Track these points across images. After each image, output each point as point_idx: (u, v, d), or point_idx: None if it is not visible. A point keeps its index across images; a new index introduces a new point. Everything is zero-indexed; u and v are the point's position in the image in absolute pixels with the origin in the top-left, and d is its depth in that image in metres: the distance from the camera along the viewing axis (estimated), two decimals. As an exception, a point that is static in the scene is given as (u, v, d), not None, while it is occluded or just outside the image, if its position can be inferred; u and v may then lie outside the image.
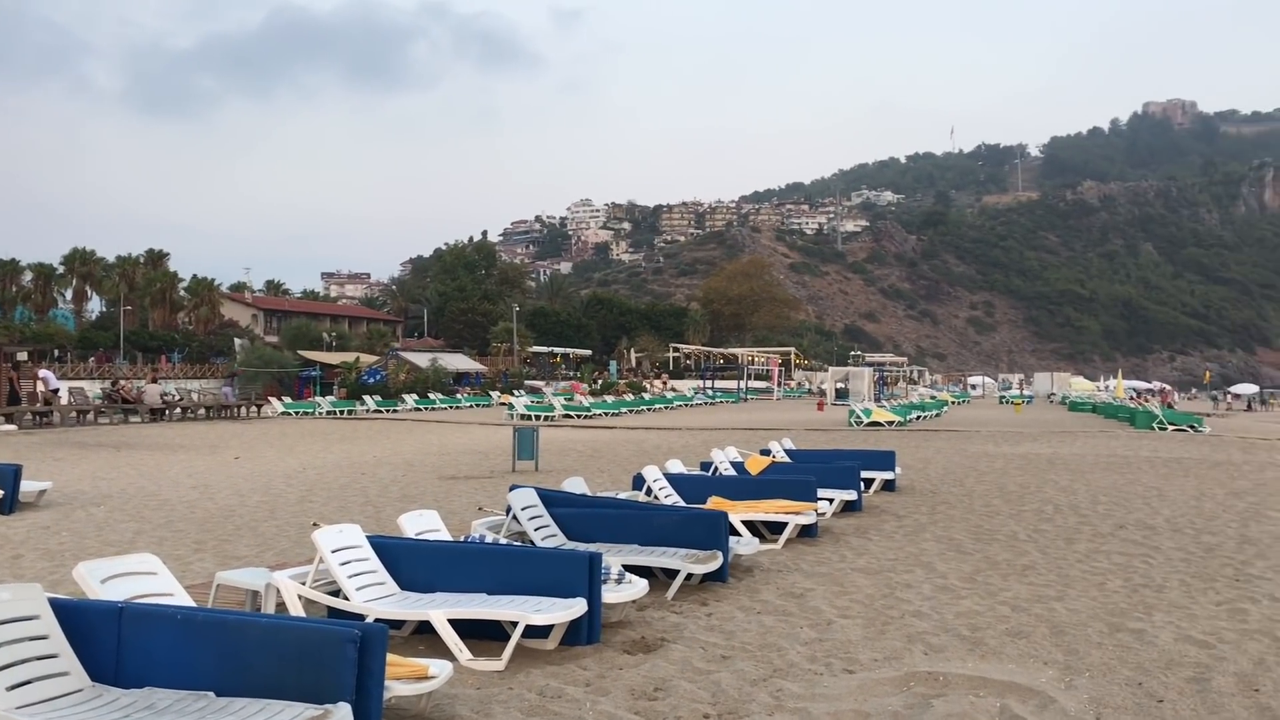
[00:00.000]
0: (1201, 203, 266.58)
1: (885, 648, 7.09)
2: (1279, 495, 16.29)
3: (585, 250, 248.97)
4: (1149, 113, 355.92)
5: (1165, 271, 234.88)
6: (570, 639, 7.10)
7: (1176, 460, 22.46)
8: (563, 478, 12.23)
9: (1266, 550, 11.20)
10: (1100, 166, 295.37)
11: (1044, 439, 29.60)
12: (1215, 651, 7.07)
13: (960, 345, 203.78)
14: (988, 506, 14.55)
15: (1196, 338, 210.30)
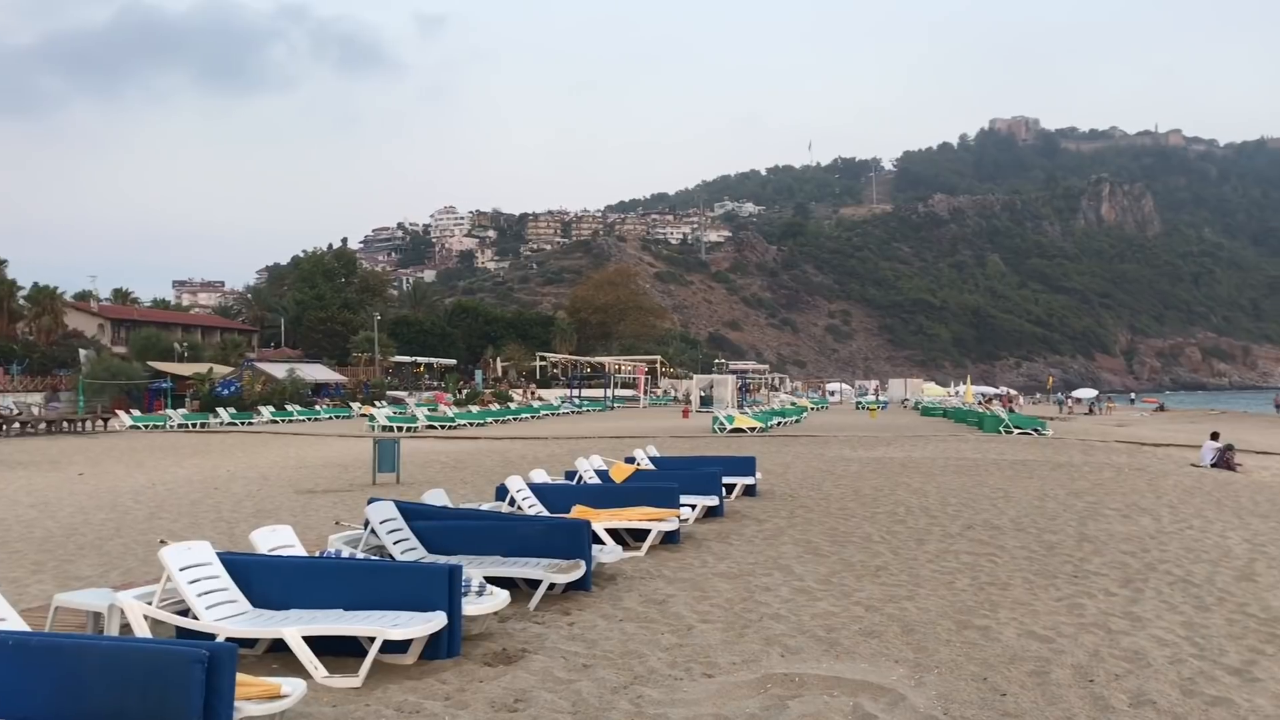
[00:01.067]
0: (1044, 215, 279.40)
1: (744, 651, 7.21)
2: (1115, 495, 17.18)
3: (450, 258, 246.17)
4: (995, 129, 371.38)
5: (1011, 281, 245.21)
6: (430, 653, 7.01)
7: (1021, 462, 23.45)
8: (425, 490, 12.06)
9: (1102, 547, 11.80)
10: (950, 180, 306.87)
11: (898, 443, 30.55)
12: (1055, 645, 7.41)
13: (819, 353, 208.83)
14: (844, 509, 14.94)
15: (1040, 344, 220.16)
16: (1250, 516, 14.85)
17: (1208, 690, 6.37)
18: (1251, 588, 9.64)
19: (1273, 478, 22.62)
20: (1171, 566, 10.62)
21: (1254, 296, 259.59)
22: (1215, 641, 7.60)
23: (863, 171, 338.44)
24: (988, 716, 5.85)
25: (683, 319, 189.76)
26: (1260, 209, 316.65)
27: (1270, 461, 28.04)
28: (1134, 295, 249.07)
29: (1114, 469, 22.07)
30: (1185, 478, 20.62)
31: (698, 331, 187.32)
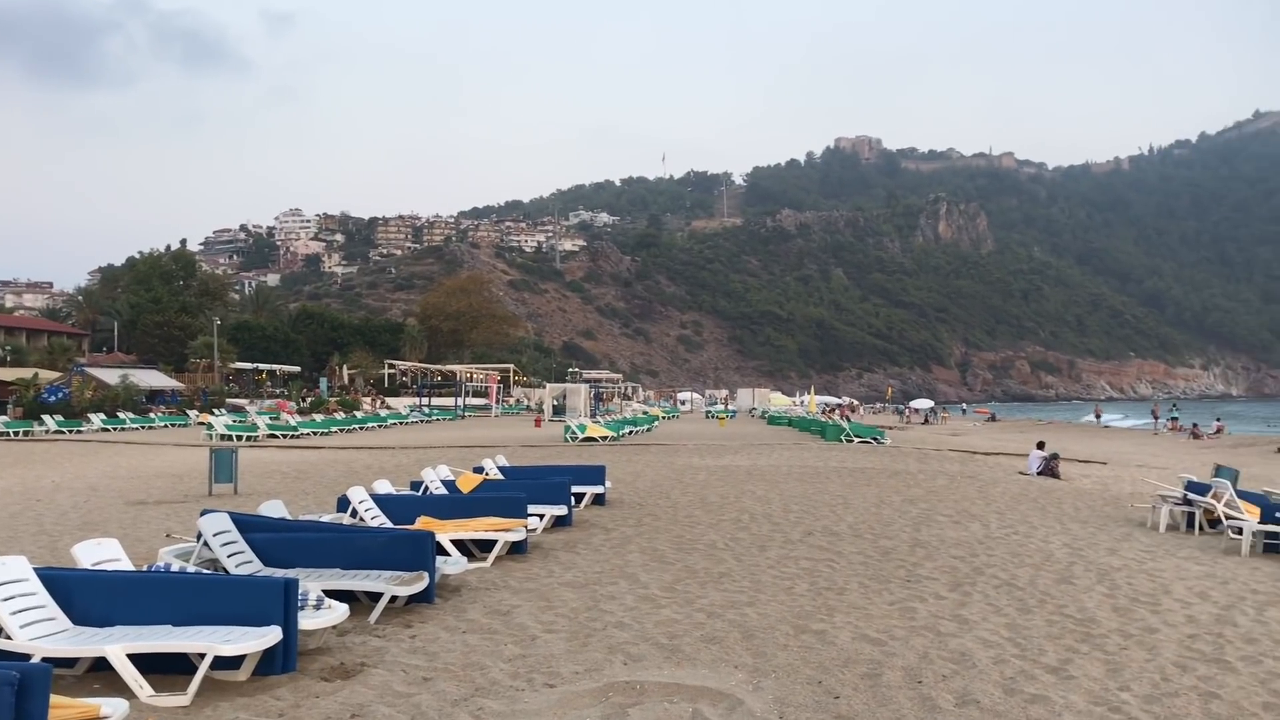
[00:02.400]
0: (885, 232, 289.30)
1: (587, 660, 7.22)
2: (947, 502, 17.88)
3: (295, 262, 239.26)
4: (840, 147, 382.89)
5: (854, 295, 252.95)
6: (264, 669, 6.80)
7: (861, 470, 24.17)
8: (264, 501, 11.68)
9: (934, 552, 12.27)
10: (797, 196, 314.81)
11: (744, 452, 31.11)
12: (887, 648, 7.67)
13: (671, 362, 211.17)
14: (690, 517, 15.13)
15: (881, 356, 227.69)
16: (1071, 522, 15.65)
17: (1027, 689, 6.69)
18: (1070, 590, 10.16)
19: (1093, 485, 23.87)
20: (998, 570, 11.12)
21: (1079, 313, 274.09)
22: (1036, 642, 7.99)
23: (714, 185, 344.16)
24: (821, 719, 6.01)
25: (537, 327, 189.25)
26: (1085, 230, 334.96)
27: (1091, 469, 29.60)
28: (968, 310, 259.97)
29: (947, 477, 22.97)
30: (1013, 485, 21.60)
31: (552, 340, 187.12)
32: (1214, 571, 11.65)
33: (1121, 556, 12.39)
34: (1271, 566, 12.33)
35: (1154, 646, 7.96)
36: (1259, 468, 32.24)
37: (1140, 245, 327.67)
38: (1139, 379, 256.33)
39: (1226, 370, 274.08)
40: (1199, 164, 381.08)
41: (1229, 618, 9.13)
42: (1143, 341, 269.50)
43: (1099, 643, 8.01)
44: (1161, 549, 13.23)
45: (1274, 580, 11.26)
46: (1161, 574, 11.26)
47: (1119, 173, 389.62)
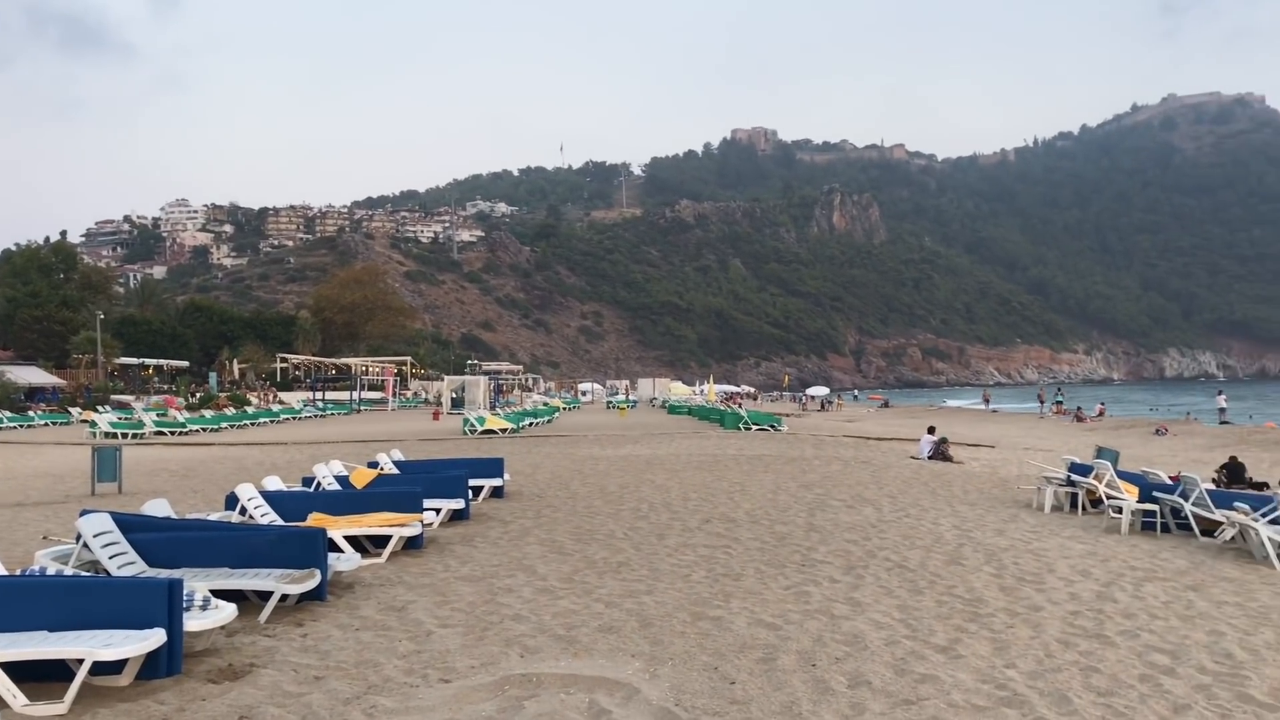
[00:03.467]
0: (782, 222, 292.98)
1: (483, 654, 7.15)
2: (842, 486, 18.20)
3: (182, 254, 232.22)
4: (736, 139, 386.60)
5: (751, 285, 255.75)
6: (148, 673, 6.57)
7: (758, 457, 24.45)
8: (148, 500, 11.30)
9: (829, 537, 12.46)
10: (695, 187, 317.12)
11: (644, 441, 31.22)
12: (782, 632, 7.75)
13: (572, 353, 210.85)
14: (589, 508, 15.12)
15: (778, 345, 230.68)
16: (960, 505, 16.06)
17: (917, 668, 6.84)
18: (959, 571, 10.42)
19: (982, 468, 24.55)
20: (890, 553, 11.34)
21: (967, 301, 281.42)
22: (925, 622, 8.16)
23: (613, 176, 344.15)
24: (717, 705, 6.05)
25: (434, 319, 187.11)
26: (973, 220, 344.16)
27: (980, 453, 30.46)
28: (862, 299, 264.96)
29: (842, 462, 23.38)
30: (905, 469, 22.09)
31: (450, 332, 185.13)
32: (1095, 550, 12.06)
33: (1008, 537, 12.75)
34: (1149, 544, 12.83)
35: (1038, 624, 8.20)
36: (1138, 449, 33.56)
37: (1026, 234, 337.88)
38: (1026, 364, 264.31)
39: (1108, 355, 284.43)
40: (1081, 155, 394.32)
41: (1109, 594, 9.46)
42: (1029, 328, 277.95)
43: (986, 622, 8.22)
44: (1046, 529, 13.66)
45: (1151, 557, 11.72)
46: (1046, 553, 11.62)
47: (1005, 164, 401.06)
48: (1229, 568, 11.20)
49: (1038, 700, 6.19)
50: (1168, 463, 25.69)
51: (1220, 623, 8.42)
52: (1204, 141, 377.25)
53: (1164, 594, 9.55)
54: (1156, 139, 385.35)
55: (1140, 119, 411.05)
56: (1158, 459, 27.42)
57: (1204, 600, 9.33)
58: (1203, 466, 24.26)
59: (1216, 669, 7.01)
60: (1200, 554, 12.13)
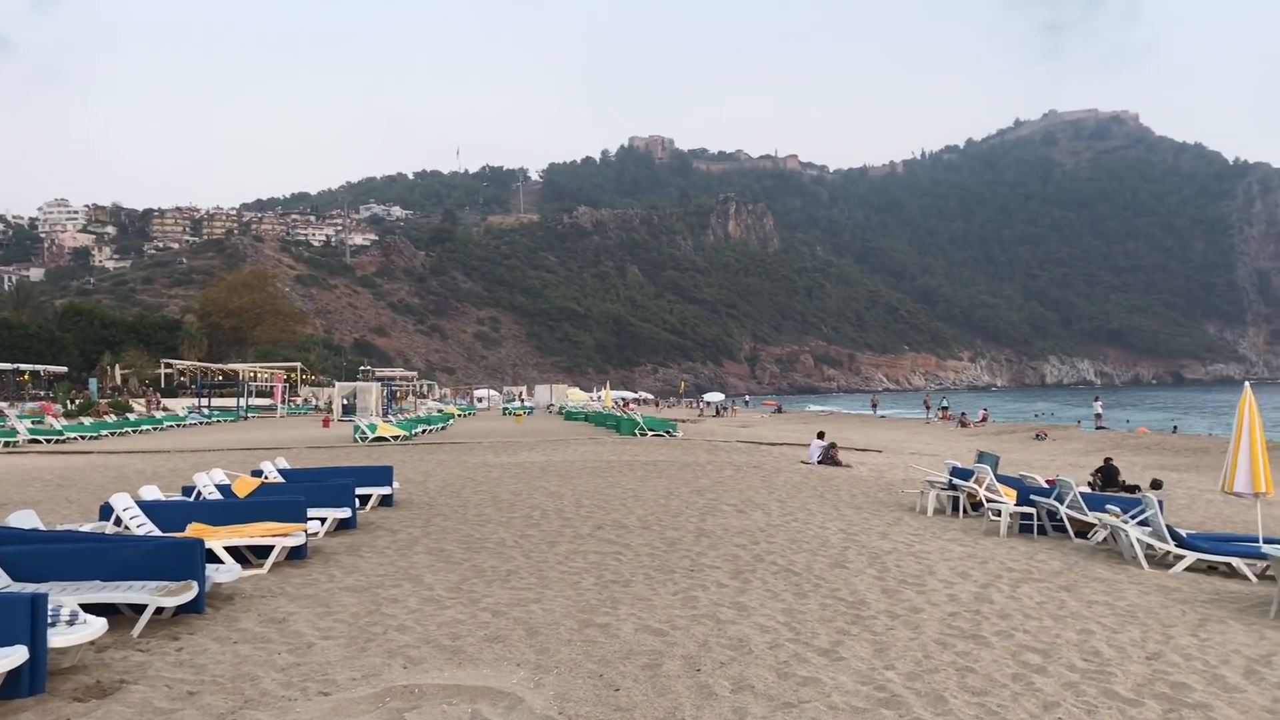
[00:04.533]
0: (678, 230, 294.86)
1: (365, 665, 7.03)
2: (733, 491, 18.38)
3: (61, 255, 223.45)
4: (634, 146, 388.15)
5: (649, 292, 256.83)
6: (9, 692, 6.29)
7: (653, 463, 24.55)
8: (15, 511, 10.83)
9: (718, 541, 12.57)
10: (593, 193, 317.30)
11: (539, 448, 31.09)
12: (668, 638, 7.79)
13: (469, 359, 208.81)
14: (480, 515, 14.98)
15: (675, 351, 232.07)
16: (847, 509, 16.36)
17: (800, 671, 6.93)
18: (843, 574, 10.61)
19: (869, 472, 25.03)
20: (777, 557, 11.49)
21: (858, 309, 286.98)
22: (809, 625, 8.29)
23: (510, 181, 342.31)
24: (601, 713, 6.05)
25: (326, 324, 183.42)
26: (863, 230, 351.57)
27: (868, 457, 31.05)
28: (756, 306, 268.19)
29: (734, 467, 23.62)
30: (795, 474, 22.41)
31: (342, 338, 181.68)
32: (975, 552, 12.41)
33: (892, 540, 13.03)
34: (1026, 546, 13.24)
35: (918, 625, 8.39)
36: (1019, 453, 34.65)
37: (914, 245, 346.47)
38: (913, 371, 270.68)
39: (991, 362, 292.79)
40: (966, 168, 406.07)
41: (986, 595, 9.73)
42: (916, 336, 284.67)
43: (868, 624, 8.38)
44: (929, 532, 14.00)
45: (1027, 559, 12.09)
46: (928, 556, 11.91)
47: (894, 176, 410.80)
48: (1100, 568, 11.62)
49: (915, 701, 6.33)
50: (1046, 467, 26.58)
51: (1090, 622, 8.72)
52: (1082, 157, 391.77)
53: (1038, 594, 9.86)
54: (1038, 153, 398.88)
55: (1023, 134, 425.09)
56: (1037, 463, 28.35)
57: (1076, 600, 9.66)
58: (1079, 470, 25.18)
59: (1085, 666, 7.26)
60: (1074, 555, 12.56)
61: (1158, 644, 7.98)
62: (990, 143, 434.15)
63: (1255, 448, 11.75)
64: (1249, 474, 11.71)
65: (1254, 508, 13.42)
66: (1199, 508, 18.61)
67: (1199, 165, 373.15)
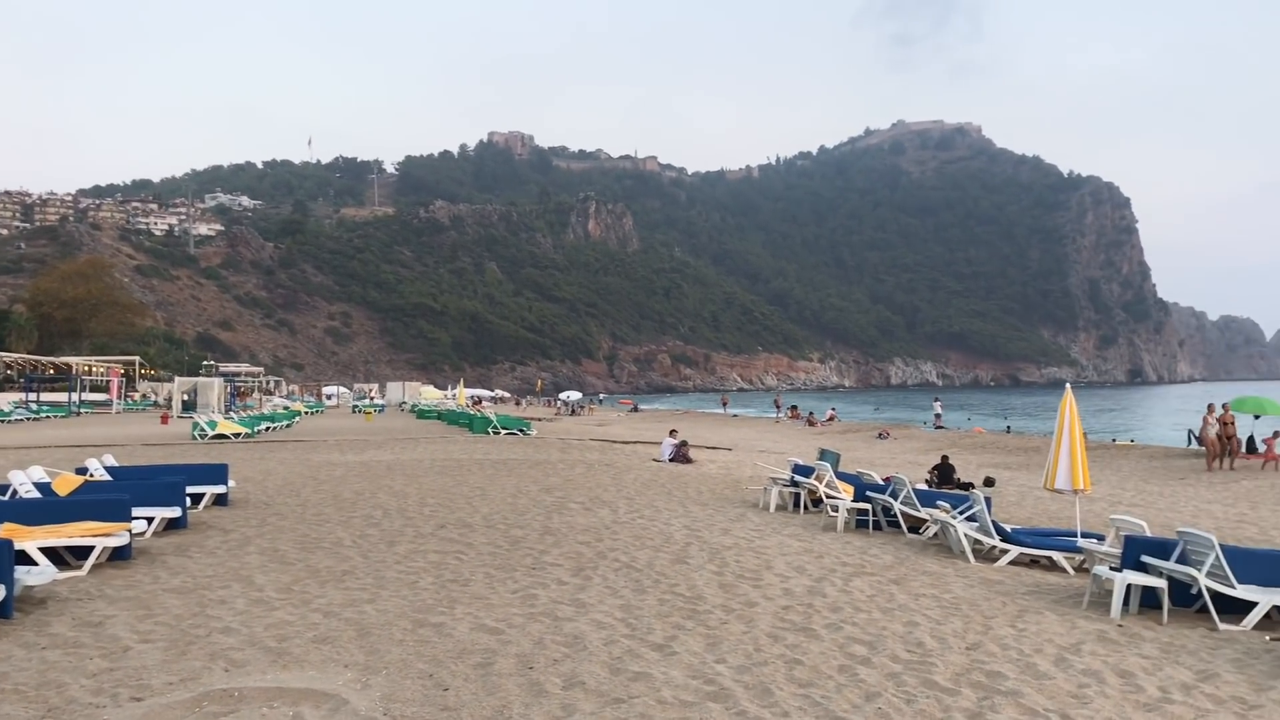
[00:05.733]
0: (538, 228, 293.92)
1: (184, 669, 6.75)
2: (582, 489, 18.40)
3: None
4: (494, 142, 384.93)
5: (507, 289, 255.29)
6: None
7: (504, 461, 24.39)
8: None
9: (563, 539, 12.55)
10: (450, 188, 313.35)
11: (388, 446, 30.53)
12: (504, 636, 7.72)
13: (318, 355, 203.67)
14: (320, 515, 14.60)
15: (533, 349, 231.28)
16: (693, 505, 16.56)
17: (632, 667, 6.96)
18: (683, 570, 10.72)
19: (718, 469, 25.39)
20: (620, 554, 11.54)
21: (714, 310, 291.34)
22: (646, 621, 8.34)
23: (365, 172, 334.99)
24: (428, 713, 5.95)
25: (167, 317, 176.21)
26: (720, 232, 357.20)
27: (718, 455, 31.50)
28: (615, 305, 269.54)
29: (585, 465, 23.65)
30: (645, 472, 22.58)
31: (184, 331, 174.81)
32: (812, 547, 12.71)
33: (733, 536, 13.24)
34: (861, 541, 13.64)
35: (752, 619, 8.54)
36: (862, 451, 35.71)
37: (768, 248, 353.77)
38: (766, 371, 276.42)
39: (840, 363, 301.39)
40: (818, 175, 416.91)
41: (819, 589, 9.97)
42: (769, 337, 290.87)
43: (703, 619, 8.49)
44: (769, 527, 14.28)
45: (861, 553, 12.45)
46: (766, 551, 12.14)
47: (750, 180, 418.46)
48: (930, 562, 12.05)
49: (742, 694, 6.43)
50: (887, 464, 27.46)
51: (916, 614, 9.02)
52: (928, 166, 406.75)
53: (869, 588, 10.16)
54: (886, 162, 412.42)
55: (872, 142, 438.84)
56: (878, 461, 29.28)
57: (904, 593, 9.98)
58: (918, 468, 26.09)
59: (908, 657, 7.49)
60: (906, 550, 12.99)
61: (978, 634, 8.30)
62: (841, 150, 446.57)
63: (1075, 447, 12.35)
64: (1069, 472, 12.30)
65: (1073, 504, 14.11)
66: (1027, 504, 19.49)
67: (1036, 177, 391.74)
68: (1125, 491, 22.34)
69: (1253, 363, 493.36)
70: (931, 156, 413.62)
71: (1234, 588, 9.03)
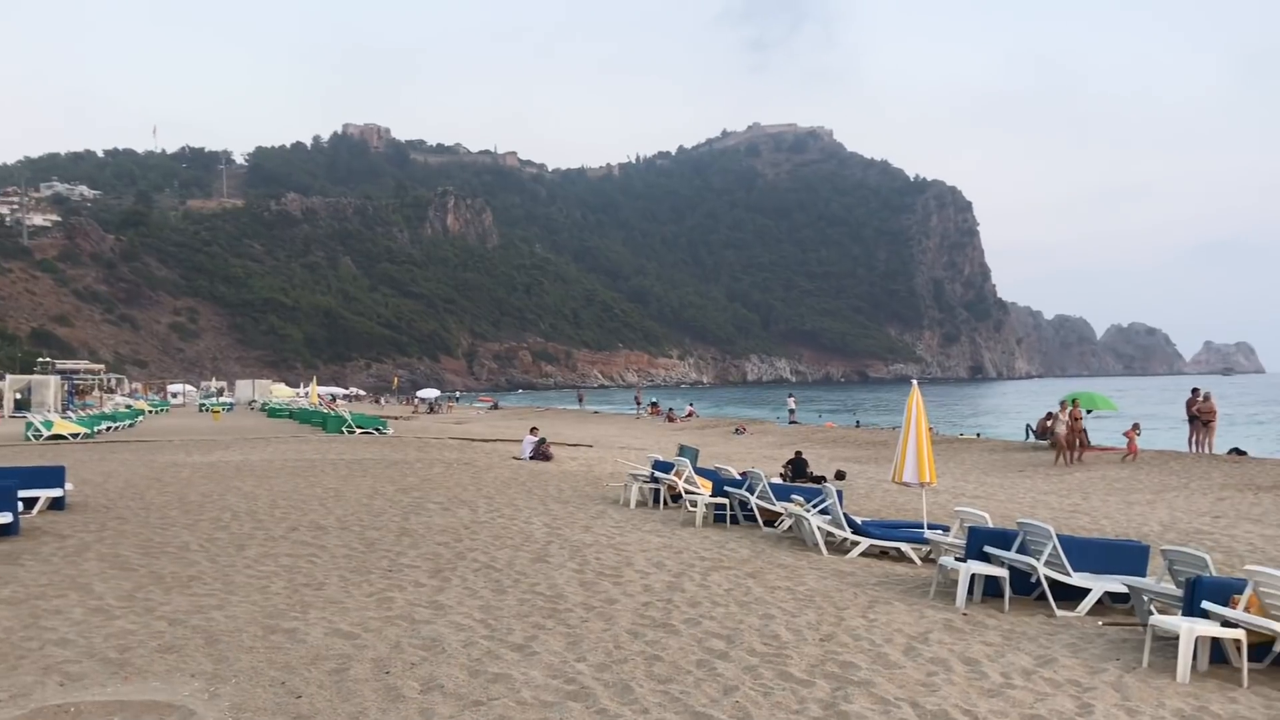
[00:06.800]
0: (395, 222, 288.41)
1: (13, 685, 6.39)
2: (440, 489, 18.16)
3: None
4: (349, 133, 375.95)
5: (362, 284, 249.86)
6: None
7: (359, 461, 23.87)
8: None
9: (420, 540, 12.36)
10: (303, 180, 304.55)
11: (237, 446, 29.57)
12: (359, 641, 7.56)
13: (163, 352, 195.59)
14: (164, 519, 14.03)
15: (390, 346, 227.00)
16: (554, 503, 16.53)
17: (491, 668, 6.90)
18: (544, 568, 10.69)
19: (579, 466, 25.41)
20: (479, 554, 11.43)
21: (574, 307, 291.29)
22: (505, 621, 8.28)
23: (213, 163, 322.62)
24: (279, 721, 5.78)
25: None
26: (580, 229, 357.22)
27: (579, 452, 31.54)
28: (475, 302, 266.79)
29: (444, 464, 23.35)
30: (505, 470, 22.43)
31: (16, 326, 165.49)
32: (671, 542, 12.83)
33: (594, 533, 13.27)
34: (719, 535, 13.84)
35: (612, 617, 8.57)
36: (720, 446, 36.24)
37: (628, 245, 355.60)
38: (627, 368, 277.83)
39: (699, 360, 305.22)
40: (678, 174, 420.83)
41: (679, 584, 10.07)
42: (630, 334, 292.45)
43: (564, 617, 8.48)
44: (630, 524, 14.36)
45: (719, 547, 12.64)
46: (627, 547, 12.21)
47: (611, 178, 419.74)
48: (785, 555, 12.31)
49: (602, 692, 6.44)
50: (744, 459, 27.93)
51: (773, 607, 9.21)
52: (782, 168, 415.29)
53: (727, 582, 10.32)
54: (742, 163, 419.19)
55: (729, 144, 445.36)
56: (735, 456, 29.75)
57: (761, 587, 10.17)
58: (773, 462, 26.62)
59: (764, 650, 7.64)
60: (762, 543, 13.25)
61: (831, 626, 8.52)
62: (700, 151, 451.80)
63: (921, 441, 12.80)
64: (915, 465, 12.74)
65: (920, 496, 14.61)
66: (877, 496, 20.11)
67: (884, 181, 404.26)
68: (968, 484, 23.27)
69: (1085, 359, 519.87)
70: (786, 159, 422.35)
71: (1070, 576, 9.51)
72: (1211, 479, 22.33)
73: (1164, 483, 22.36)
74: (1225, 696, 6.81)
